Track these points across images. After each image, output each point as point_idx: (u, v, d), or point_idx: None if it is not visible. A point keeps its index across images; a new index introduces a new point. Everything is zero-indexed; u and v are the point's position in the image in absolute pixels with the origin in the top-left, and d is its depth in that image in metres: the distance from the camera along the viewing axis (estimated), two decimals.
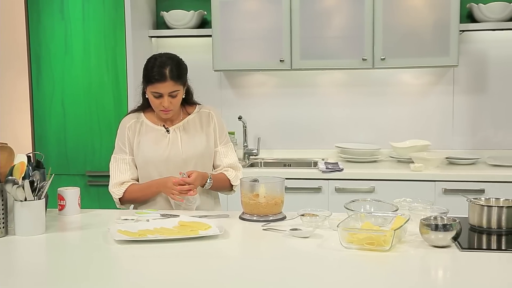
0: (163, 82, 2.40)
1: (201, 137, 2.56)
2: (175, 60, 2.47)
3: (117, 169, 2.53)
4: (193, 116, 2.60)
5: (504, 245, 2.02)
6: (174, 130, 2.55)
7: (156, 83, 2.41)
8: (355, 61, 3.76)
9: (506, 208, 2.08)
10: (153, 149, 2.51)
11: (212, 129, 2.60)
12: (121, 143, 2.55)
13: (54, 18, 3.80)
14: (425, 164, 3.60)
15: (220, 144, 2.62)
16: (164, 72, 2.40)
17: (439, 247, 1.91)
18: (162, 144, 2.52)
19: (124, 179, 2.51)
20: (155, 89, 2.42)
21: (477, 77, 3.97)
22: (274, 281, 1.68)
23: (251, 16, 3.84)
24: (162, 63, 2.42)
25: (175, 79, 2.42)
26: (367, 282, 1.67)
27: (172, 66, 2.43)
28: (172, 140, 2.53)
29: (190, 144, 2.53)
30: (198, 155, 2.53)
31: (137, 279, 1.70)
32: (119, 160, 2.54)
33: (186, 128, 2.56)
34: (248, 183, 2.34)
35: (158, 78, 2.40)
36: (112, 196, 2.53)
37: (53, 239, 2.09)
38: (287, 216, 2.33)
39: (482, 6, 3.71)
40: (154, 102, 2.46)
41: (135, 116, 2.59)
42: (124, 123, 2.58)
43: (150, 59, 2.50)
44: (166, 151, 2.51)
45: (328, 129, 4.13)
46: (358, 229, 1.95)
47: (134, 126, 2.55)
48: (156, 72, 2.40)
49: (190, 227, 2.11)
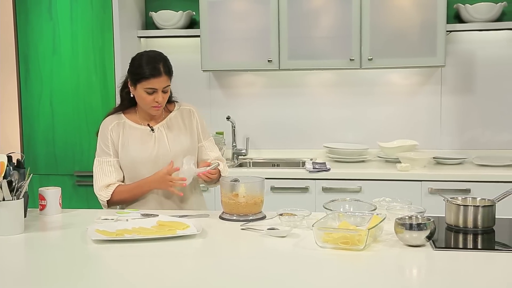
0: (158, 77, 2.42)
1: (186, 133, 2.59)
2: (163, 56, 2.51)
3: (102, 172, 2.53)
4: (174, 114, 2.62)
5: (480, 244, 2.03)
6: (158, 129, 2.56)
7: (151, 79, 2.42)
8: (343, 61, 3.77)
9: (482, 208, 2.09)
10: (141, 149, 2.52)
11: (194, 125, 2.63)
12: (104, 145, 2.55)
13: (42, 18, 3.81)
14: (412, 164, 3.61)
15: (204, 139, 2.66)
16: (158, 67, 2.43)
17: (414, 246, 1.92)
18: (149, 143, 2.53)
19: (110, 181, 2.51)
20: (150, 85, 2.43)
21: (465, 77, 3.98)
22: (247, 280, 1.69)
23: (239, 16, 3.86)
24: (154, 59, 2.45)
25: (168, 74, 2.47)
26: (341, 281, 1.68)
27: (163, 61, 2.47)
28: (158, 138, 2.54)
29: (176, 141, 2.55)
30: (185, 151, 2.54)
31: (113, 278, 1.71)
32: (103, 163, 2.54)
33: (170, 126, 2.58)
34: (228, 183, 2.35)
35: (153, 73, 2.41)
36: (98, 198, 2.53)
37: (32, 239, 2.10)
38: (267, 215, 2.34)
39: (469, 6, 3.72)
40: (147, 99, 2.45)
41: (116, 118, 2.58)
42: (106, 125, 2.57)
43: (138, 56, 2.50)
44: (154, 150, 2.52)
45: (317, 129, 4.15)
46: (332, 229, 1.96)
47: (116, 128, 2.55)
48: (151, 67, 2.42)
49: (168, 227, 2.12)
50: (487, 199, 2.17)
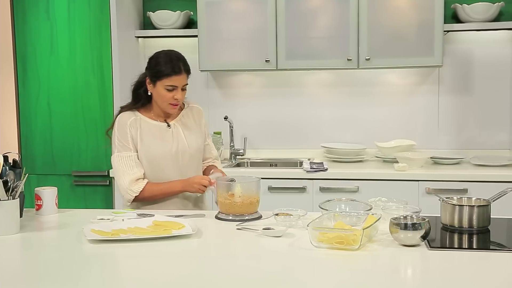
0: (179, 75, 2.50)
1: (197, 132, 2.68)
2: (181, 55, 2.59)
3: (127, 167, 2.53)
4: (186, 111, 2.69)
5: (475, 244, 2.03)
6: (174, 125, 2.62)
7: (173, 76, 2.48)
8: (340, 61, 3.77)
9: (477, 208, 2.09)
10: (160, 145, 2.56)
11: (203, 124, 2.73)
12: (124, 140, 2.55)
13: (40, 18, 3.82)
14: (409, 164, 3.61)
15: (207, 137, 2.78)
16: (179, 65, 2.51)
17: (409, 246, 1.92)
18: (168, 139, 2.58)
19: (138, 175, 2.52)
20: (171, 82, 2.49)
21: (462, 77, 3.98)
22: (242, 279, 1.69)
23: (237, 16, 3.86)
24: (175, 57, 2.53)
25: (187, 72, 2.55)
26: (335, 281, 1.68)
27: (182, 60, 2.55)
28: (176, 134, 2.60)
29: (192, 138, 2.64)
30: (200, 148, 2.67)
31: (109, 278, 1.71)
32: (125, 158, 2.54)
33: (184, 123, 2.65)
34: (224, 183, 2.35)
35: (175, 71, 2.49)
36: (126, 193, 2.52)
37: (27, 239, 2.10)
38: (264, 215, 2.35)
39: (466, 6, 3.72)
40: (166, 96, 2.51)
41: (132, 114, 2.60)
42: (124, 120, 2.58)
43: (157, 55, 2.56)
44: (173, 146, 2.58)
45: (314, 129, 4.15)
46: (327, 228, 1.96)
47: (134, 123, 2.57)
48: (172, 65, 2.49)
49: (164, 227, 2.12)
50: (482, 199, 2.17)
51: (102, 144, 3.83)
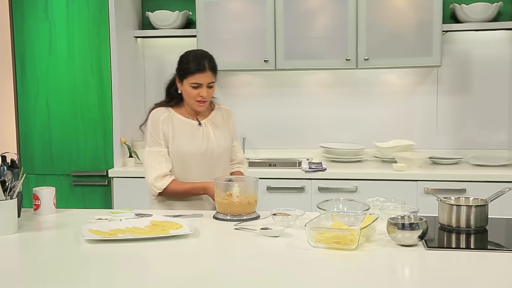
0: (203, 72, 2.54)
1: (226, 133, 2.72)
2: (209, 54, 2.63)
3: (156, 162, 2.58)
4: (215, 112, 2.74)
5: (473, 244, 2.03)
6: (205, 123, 2.67)
7: (197, 74, 2.53)
8: (339, 61, 3.77)
9: (475, 207, 2.09)
10: (191, 142, 2.61)
11: (231, 125, 2.78)
12: (156, 135, 2.61)
13: (39, 18, 3.81)
14: (408, 164, 3.61)
15: (234, 139, 2.81)
16: (203, 63, 2.55)
17: (406, 246, 1.92)
18: (198, 137, 2.63)
19: (165, 171, 2.57)
20: (195, 80, 2.54)
21: (461, 77, 3.98)
22: (239, 279, 1.69)
23: (236, 16, 3.86)
24: (200, 56, 2.58)
25: (213, 71, 2.58)
26: (333, 281, 1.68)
27: (208, 58, 2.59)
28: (206, 133, 2.65)
29: (221, 138, 2.68)
30: (228, 147, 2.71)
31: (106, 278, 1.70)
32: (155, 153, 2.59)
33: (214, 122, 2.69)
34: (222, 183, 2.35)
35: (199, 69, 2.53)
36: (150, 189, 2.58)
37: (25, 239, 2.10)
38: (262, 215, 2.35)
39: (464, 6, 3.72)
40: (192, 93, 2.56)
41: (165, 110, 2.65)
42: (157, 116, 2.63)
43: (185, 54, 2.63)
44: (203, 144, 2.62)
45: (313, 129, 4.15)
46: (325, 228, 1.96)
47: (167, 119, 2.62)
48: (197, 63, 2.54)
49: (162, 227, 2.12)
50: (480, 199, 2.17)
51: (101, 144, 3.84)
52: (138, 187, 3.71)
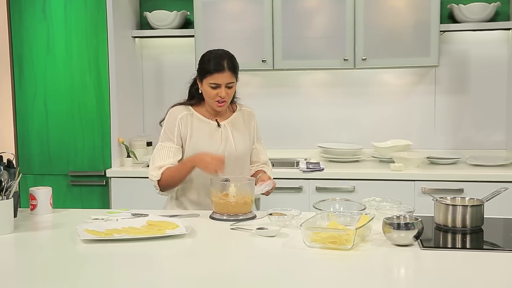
0: (221, 72, 2.50)
1: (246, 135, 2.68)
2: (229, 54, 2.58)
3: (159, 156, 2.55)
4: (237, 114, 2.70)
5: (468, 243, 2.03)
6: (224, 125, 2.63)
7: (215, 74, 2.49)
8: (337, 61, 3.77)
9: (471, 207, 2.09)
10: (208, 143, 2.57)
11: (252, 127, 2.73)
12: (170, 132, 2.58)
13: (36, 18, 3.81)
14: (405, 164, 3.61)
15: (257, 141, 2.76)
16: (222, 63, 2.50)
17: (401, 245, 1.92)
18: (216, 138, 2.59)
19: (164, 164, 2.53)
20: (214, 80, 2.50)
21: (459, 77, 3.98)
22: (235, 279, 1.69)
23: (233, 16, 3.86)
24: (219, 55, 2.53)
25: (232, 71, 2.53)
26: (328, 281, 1.68)
27: (228, 58, 2.54)
28: (225, 134, 2.61)
29: (240, 140, 2.63)
30: (246, 151, 2.66)
31: (102, 278, 1.71)
32: (164, 148, 2.57)
33: (234, 124, 2.65)
34: (218, 183, 2.35)
35: (217, 69, 2.49)
36: (150, 178, 2.54)
37: (21, 239, 2.10)
38: (257, 215, 2.35)
39: (462, 6, 3.72)
40: (211, 93, 2.52)
41: (185, 108, 2.62)
42: (175, 114, 2.60)
43: (206, 53, 2.59)
44: (221, 146, 2.58)
45: (311, 129, 4.15)
46: (320, 228, 1.96)
47: (185, 118, 2.59)
48: (215, 63, 2.50)
49: (158, 227, 2.12)
50: (475, 199, 2.17)
51: (99, 144, 3.84)
52: (136, 187, 3.72)
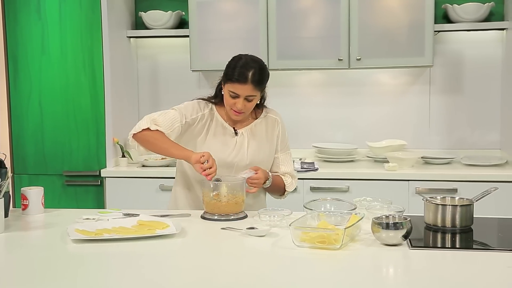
0: (243, 84, 2.34)
1: (266, 144, 2.53)
2: (259, 64, 2.41)
3: (165, 116, 2.41)
4: (260, 121, 2.56)
5: (458, 243, 2.04)
6: (242, 133, 2.50)
7: (236, 83, 2.34)
8: (331, 61, 3.77)
9: (460, 207, 2.10)
10: (220, 149, 2.45)
11: (276, 136, 2.57)
12: (188, 113, 2.44)
13: (31, 18, 3.81)
14: (400, 164, 3.61)
15: (280, 151, 2.59)
16: (247, 74, 2.33)
17: (390, 245, 1.93)
18: (230, 146, 2.47)
19: (161, 125, 2.38)
20: (233, 89, 2.35)
21: (453, 77, 3.99)
22: (223, 278, 1.69)
23: (228, 16, 3.86)
24: (246, 65, 2.36)
25: (255, 84, 2.36)
26: (316, 280, 1.68)
27: (256, 70, 2.36)
28: (240, 144, 2.48)
29: (255, 151, 2.49)
30: (260, 161, 2.49)
31: (91, 278, 1.71)
32: (170, 113, 2.42)
33: (253, 133, 2.52)
34: (209, 183, 2.35)
35: (238, 79, 2.33)
36: (137, 126, 2.40)
37: (12, 239, 2.10)
38: (248, 215, 2.35)
39: (456, 6, 3.73)
40: (229, 101, 2.39)
41: (209, 107, 2.51)
42: (201, 107, 2.48)
43: (235, 57, 2.43)
44: (231, 155, 2.46)
45: (306, 129, 4.15)
46: (309, 228, 1.96)
47: (207, 116, 2.48)
48: (239, 72, 2.34)
49: (148, 226, 2.13)
50: (465, 199, 2.17)
51: (94, 144, 3.85)
52: (131, 187, 3.72)
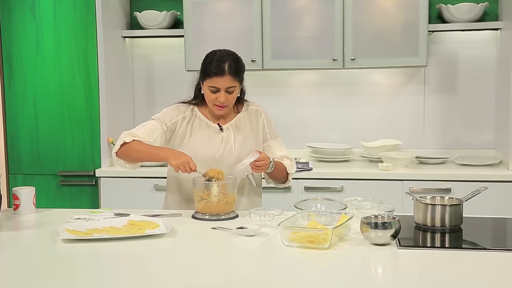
0: (221, 76, 2.38)
1: (251, 136, 2.56)
2: (234, 56, 2.47)
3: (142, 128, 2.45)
4: (242, 114, 2.58)
5: (447, 243, 2.04)
6: (227, 128, 2.53)
7: (214, 77, 2.38)
8: (326, 61, 3.78)
9: (450, 207, 2.10)
10: (207, 146, 2.49)
11: (260, 126, 2.60)
12: (167, 118, 2.49)
13: (26, 18, 3.82)
14: (394, 164, 3.62)
15: (270, 138, 2.63)
16: (223, 66, 2.38)
17: (379, 245, 1.93)
18: (216, 142, 2.50)
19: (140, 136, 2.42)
20: (213, 83, 2.39)
21: (447, 77, 3.99)
22: (212, 278, 1.69)
23: (223, 16, 3.86)
24: (221, 58, 2.41)
25: (233, 75, 2.41)
26: (305, 279, 1.69)
27: (231, 61, 2.42)
28: (226, 138, 2.51)
29: (242, 144, 2.52)
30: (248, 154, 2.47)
31: (80, 277, 1.72)
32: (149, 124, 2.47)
33: (238, 127, 2.55)
34: (201, 182, 2.36)
35: (216, 72, 2.38)
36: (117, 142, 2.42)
37: (1, 238, 2.11)
38: (240, 215, 2.36)
39: (450, 6, 3.73)
40: (210, 96, 2.42)
41: (189, 109, 2.54)
42: (181, 110, 2.52)
43: (209, 53, 2.47)
44: (219, 151, 2.49)
45: (300, 129, 4.15)
46: (298, 228, 1.97)
47: (189, 118, 2.51)
48: (215, 66, 2.39)
49: (138, 226, 2.13)
50: (455, 198, 2.18)
51: (88, 143, 3.85)
52: (125, 187, 3.72)
